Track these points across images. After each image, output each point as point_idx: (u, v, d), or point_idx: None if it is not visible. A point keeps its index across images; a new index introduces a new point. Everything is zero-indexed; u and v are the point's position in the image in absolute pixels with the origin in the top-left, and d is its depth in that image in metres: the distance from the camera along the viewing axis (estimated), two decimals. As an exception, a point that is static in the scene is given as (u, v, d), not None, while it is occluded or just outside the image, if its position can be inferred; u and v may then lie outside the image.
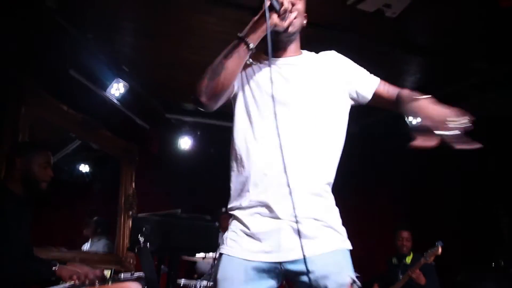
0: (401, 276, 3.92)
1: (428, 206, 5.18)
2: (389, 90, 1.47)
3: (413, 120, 1.29)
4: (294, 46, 1.49)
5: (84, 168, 5.78)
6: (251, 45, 1.31)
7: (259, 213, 1.31)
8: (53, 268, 2.23)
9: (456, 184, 5.10)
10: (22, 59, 3.41)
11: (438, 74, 4.08)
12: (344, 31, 3.28)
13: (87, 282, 2.24)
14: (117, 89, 3.97)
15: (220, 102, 1.38)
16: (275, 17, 1.31)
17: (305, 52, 1.53)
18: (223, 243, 1.37)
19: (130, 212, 4.93)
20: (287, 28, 1.37)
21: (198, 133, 5.30)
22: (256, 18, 1.33)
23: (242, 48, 1.31)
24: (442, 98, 4.04)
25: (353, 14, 2.76)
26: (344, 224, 1.36)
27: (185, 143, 5.24)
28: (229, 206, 1.40)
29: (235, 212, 1.36)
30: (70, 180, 5.64)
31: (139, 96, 4.39)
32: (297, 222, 1.24)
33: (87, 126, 4.33)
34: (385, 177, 5.45)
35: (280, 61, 1.44)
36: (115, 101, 4.10)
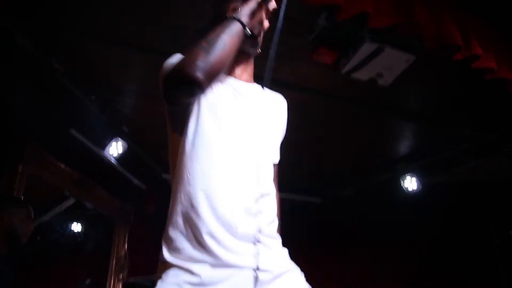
0: None
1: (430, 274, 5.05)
2: (275, 175, 1.37)
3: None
4: (250, 69, 1.37)
5: (76, 227, 5.67)
6: (249, 33, 1.19)
7: (208, 262, 1.08)
8: None
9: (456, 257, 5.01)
10: (24, 118, 3.48)
11: (432, 140, 4.17)
12: (341, 98, 3.41)
13: None
14: (115, 148, 4.01)
15: (207, 87, 1.15)
16: (263, 11, 1.24)
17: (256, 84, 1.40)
18: None
19: (121, 275, 4.77)
20: (259, 33, 1.28)
21: (194, 194, 5.27)
22: (254, 2, 1.22)
23: (242, 32, 1.17)
24: (437, 163, 4.08)
25: (348, 83, 2.88)
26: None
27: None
28: (168, 251, 1.14)
29: (177, 261, 1.10)
30: (62, 239, 5.52)
31: (137, 156, 4.42)
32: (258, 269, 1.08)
33: (83, 184, 4.32)
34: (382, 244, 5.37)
35: (239, 83, 1.31)
36: (113, 160, 4.12)
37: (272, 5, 1.26)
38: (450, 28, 2.13)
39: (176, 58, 1.26)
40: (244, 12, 1.19)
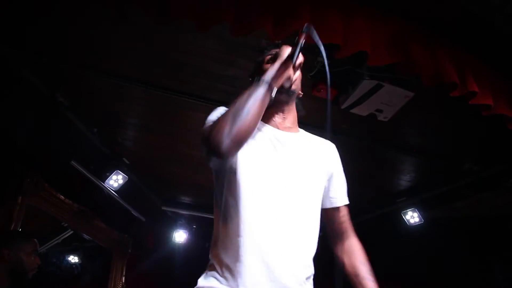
0: None
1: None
2: (345, 219, 1.49)
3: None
4: (291, 116, 1.44)
5: (73, 259, 5.59)
6: (274, 92, 1.24)
7: None
8: None
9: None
10: (24, 148, 3.50)
11: (432, 174, 4.17)
12: (341, 132, 3.43)
13: None
14: (116, 180, 4.01)
15: (236, 153, 1.22)
16: (291, 67, 1.27)
17: (301, 130, 1.48)
18: None
19: (117, 310, 4.67)
20: (291, 85, 1.34)
21: (194, 226, 5.23)
22: (279, 63, 1.27)
23: (267, 93, 1.21)
24: (438, 197, 4.02)
25: (348, 117, 2.91)
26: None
27: (180, 236, 5.15)
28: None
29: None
30: (58, 272, 5.43)
31: (137, 188, 4.41)
32: None
33: (82, 216, 4.29)
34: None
35: (279, 133, 1.37)
36: (113, 192, 4.11)
37: (300, 59, 1.31)
38: (446, 66, 2.18)
39: (217, 113, 1.29)
40: (270, 74, 1.24)
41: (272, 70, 1.25)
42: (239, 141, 1.16)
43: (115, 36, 2.61)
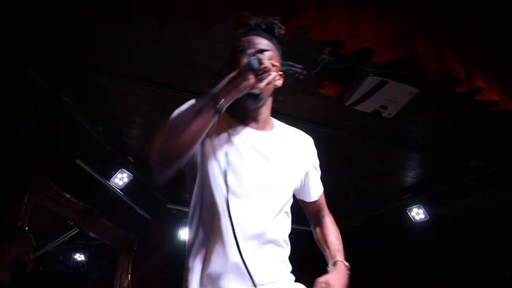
0: None
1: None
2: (322, 205, 1.49)
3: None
4: (265, 111, 1.31)
5: (79, 257, 5.62)
6: (223, 106, 1.08)
7: None
8: None
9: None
10: (30, 148, 3.51)
11: (437, 170, 4.15)
12: (346, 129, 3.42)
13: None
14: (121, 178, 4.02)
15: (170, 173, 1.11)
16: (252, 77, 1.10)
17: (276, 123, 1.38)
18: None
19: (123, 307, 4.69)
20: (260, 93, 1.19)
21: (199, 224, 5.24)
22: (231, 75, 1.11)
23: (213, 108, 1.07)
24: (444, 193, 4.02)
25: (353, 114, 2.90)
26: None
27: (185, 234, 5.16)
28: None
29: None
30: (64, 270, 5.45)
31: (142, 186, 4.42)
32: None
33: (88, 215, 4.31)
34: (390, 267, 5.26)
35: (250, 133, 1.27)
36: (118, 190, 4.12)
37: (272, 77, 1.17)
38: (451, 62, 2.16)
39: (184, 106, 1.28)
40: (220, 86, 1.11)
41: (222, 83, 1.10)
42: (169, 161, 1.09)
43: (119, 35, 2.62)
